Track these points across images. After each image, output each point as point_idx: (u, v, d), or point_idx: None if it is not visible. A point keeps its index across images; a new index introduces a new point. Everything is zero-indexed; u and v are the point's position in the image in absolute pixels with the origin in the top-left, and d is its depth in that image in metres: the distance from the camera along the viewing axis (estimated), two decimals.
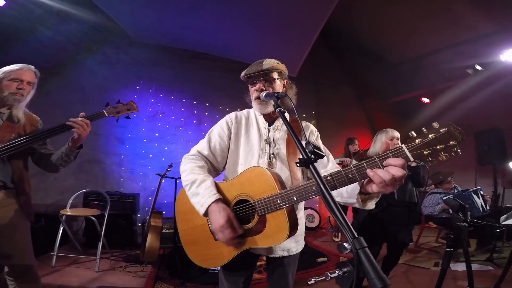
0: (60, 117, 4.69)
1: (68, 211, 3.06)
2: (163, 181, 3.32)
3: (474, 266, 3.24)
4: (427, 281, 2.85)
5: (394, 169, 0.81)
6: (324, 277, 0.66)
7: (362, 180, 0.91)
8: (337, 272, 0.63)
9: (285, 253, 1.25)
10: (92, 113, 1.65)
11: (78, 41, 4.59)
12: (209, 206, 1.06)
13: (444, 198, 3.33)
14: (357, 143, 4.58)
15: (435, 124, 0.84)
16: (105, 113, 1.69)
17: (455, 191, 3.78)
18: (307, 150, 0.81)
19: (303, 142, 0.84)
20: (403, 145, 0.85)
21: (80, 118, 1.55)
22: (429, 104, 6.12)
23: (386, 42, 6.29)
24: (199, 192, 1.11)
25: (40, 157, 1.67)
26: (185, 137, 5.16)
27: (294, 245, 1.27)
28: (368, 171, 0.84)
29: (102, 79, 4.76)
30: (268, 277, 1.32)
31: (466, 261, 1.94)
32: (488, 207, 3.50)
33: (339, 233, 4.59)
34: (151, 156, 4.89)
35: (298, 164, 0.82)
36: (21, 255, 1.50)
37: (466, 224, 1.88)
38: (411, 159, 0.83)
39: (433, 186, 4.45)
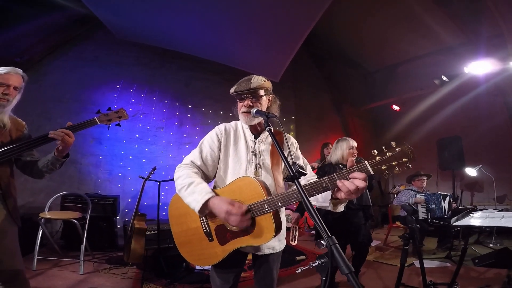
0: (32, 115, 4.40)
1: (47, 214, 2.99)
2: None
3: (435, 263, 3.60)
4: (394, 276, 3.08)
5: (358, 181, 1.03)
6: (308, 267, 0.86)
7: (334, 189, 1.10)
8: (317, 262, 0.82)
9: (270, 251, 1.40)
10: (82, 120, 1.61)
11: (55, 34, 4.36)
12: (208, 201, 1.17)
13: (401, 204, 3.82)
14: (331, 147, 5.03)
15: (393, 143, 1.04)
16: (97, 120, 1.68)
17: (426, 193, 4.24)
18: (293, 169, 1.00)
19: (290, 162, 1.02)
20: (366, 161, 1.05)
21: (59, 130, 1.49)
22: (399, 111, 6.52)
23: (364, 49, 6.59)
24: (195, 191, 1.21)
25: (25, 164, 1.62)
26: (166, 139, 5.11)
27: (278, 243, 1.43)
28: (338, 182, 1.05)
29: (80, 76, 4.60)
30: (255, 273, 1.46)
31: (419, 257, 2.25)
32: (449, 213, 3.96)
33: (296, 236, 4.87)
34: (130, 157, 4.80)
35: (286, 180, 1.03)
36: (11, 260, 1.49)
37: (418, 225, 2.26)
38: (372, 173, 1.04)
39: (402, 187, 4.92)
